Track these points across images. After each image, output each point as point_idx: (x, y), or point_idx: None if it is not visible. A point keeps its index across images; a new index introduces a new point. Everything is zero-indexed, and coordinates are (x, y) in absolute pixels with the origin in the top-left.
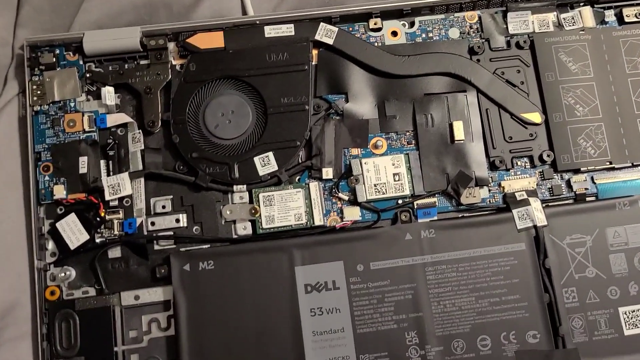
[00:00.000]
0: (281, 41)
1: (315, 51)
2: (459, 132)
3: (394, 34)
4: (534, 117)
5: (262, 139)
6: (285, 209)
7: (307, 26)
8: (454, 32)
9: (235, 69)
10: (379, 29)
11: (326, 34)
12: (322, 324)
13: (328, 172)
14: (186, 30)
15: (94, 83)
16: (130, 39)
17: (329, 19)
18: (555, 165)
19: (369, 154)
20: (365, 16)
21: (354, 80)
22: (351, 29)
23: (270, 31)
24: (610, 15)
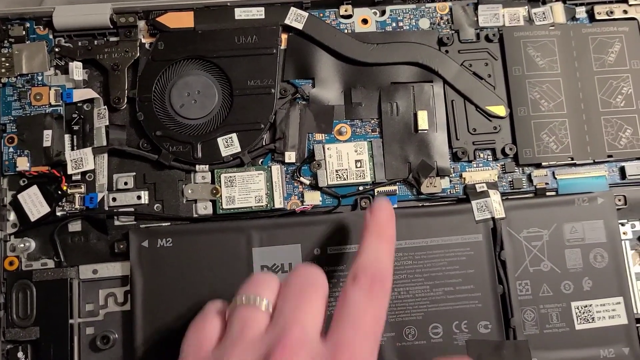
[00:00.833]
0: (251, 24)
1: (284, 35)
2: (423, 122)
3: (365, 21)
4: (498, 110)
5: (226, 120)
6: (246, 190)
7: (277, 10)
8: (425, 23)
9: (203, 49)
10: (349, 16)
11: (296, 18)
12: None
13: (291, 156)
14: (157, 9)
15: (63, 58)
16: (100, 15)
17: (300, 4)
18: (517, 159)
19: (333, 139)
20: (336, 3)
21: (322, 66)
22: (322, 14)
23: (241, 13)
24: (581, 12)
